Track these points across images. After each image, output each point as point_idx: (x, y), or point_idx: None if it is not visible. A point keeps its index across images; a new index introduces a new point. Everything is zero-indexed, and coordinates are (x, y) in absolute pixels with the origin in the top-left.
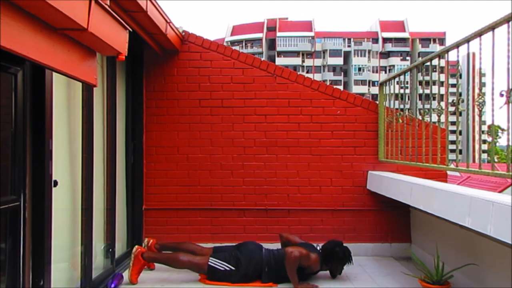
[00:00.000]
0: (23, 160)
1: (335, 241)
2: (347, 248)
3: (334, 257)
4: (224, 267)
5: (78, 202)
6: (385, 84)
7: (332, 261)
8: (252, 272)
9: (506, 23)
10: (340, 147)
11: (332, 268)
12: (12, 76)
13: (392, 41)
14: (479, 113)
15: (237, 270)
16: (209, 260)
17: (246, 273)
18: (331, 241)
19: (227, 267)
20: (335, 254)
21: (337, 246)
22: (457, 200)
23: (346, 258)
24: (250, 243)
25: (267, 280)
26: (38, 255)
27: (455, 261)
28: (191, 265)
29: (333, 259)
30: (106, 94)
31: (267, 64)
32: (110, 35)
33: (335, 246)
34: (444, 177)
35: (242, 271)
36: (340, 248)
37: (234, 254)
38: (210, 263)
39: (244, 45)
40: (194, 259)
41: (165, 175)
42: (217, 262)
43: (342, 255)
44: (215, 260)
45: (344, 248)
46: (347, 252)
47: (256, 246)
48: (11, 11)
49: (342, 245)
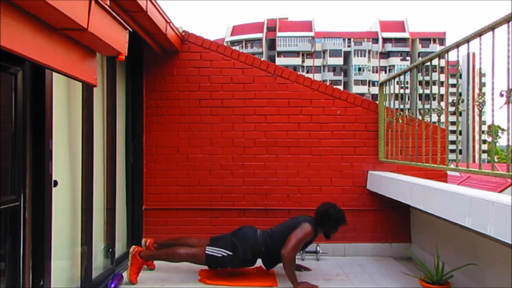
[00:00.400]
0: (23, 160)
1: (328, 203)
2: (341, 209)
3: (328, 218)
4: (222, 253)
5: (78, 202)
6: (385, 84)
7: (327, 223)
8: (250, 255)
9: (506, 23)
10: (340, 147)
11: (327, 230)
12: (12, 76)
13: (392, 41)
14: (479, 113)
15: (235, 255)
16: (206, 249)
17: (245, 257)
18: (324, 203)
19: (225, 253)
20: (329, 216)
21: (331, 207)
22: (457, 200)
23: (340, 219)
24: (245, 227)
25: (267, 260)
26: (38, 255)
27: (455, 261)
28: (189, 257)
29: (327, 221)
30: (106, 94)
31: (267, 64)
32: (110, 35)
33: (329, 208)
34: (444, 177)
35: (240, 255)
36: (333, 209)
37: (230, 240)
38: (207, 252)
39: (244, 45)
40: (191, 250)
41: (165, 175)
42: (214, 249)
43: (336, 216)
44: (212, 248)
45: (338, 209)
46: (341, 213)
47: (250, 229)
48: (11, 11)
49: (336, 206)
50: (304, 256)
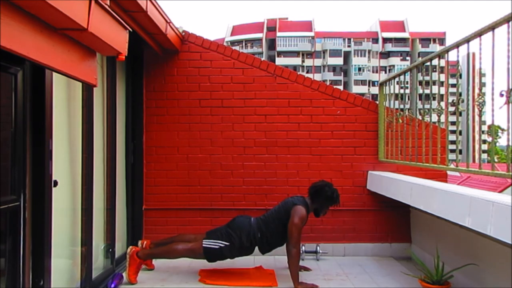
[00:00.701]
0: (23, 160)
1: (325, 181)
2: (337, 190)
3: (322, 195)
4: (219, 244)
5: (78, 202)
6: (385, 84)
7: (319, 200)
8: (247, 242)
9: (506, 23)
10: (340, 147)
11: (318, 207)
12: (12, 76)
13: (392, 41)
14: (479, 113)
15: (232, 245)
16: (203, 242)
17: (241, 245)
18: (321, 181)
19: (222, 244)
20: (323, 192)
21: (327, 186)
22: (457, 200)
23: (333, 198)
24: (238, 216)
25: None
26: (38, 255)
27: (455, 261)
28: (186, 252)
29: (321, 197)
30: (106, 94)
31: (267, 64)
32: (110, 35)
33: (325, 185)
34: (444, 177)
35: (236, 244)
36: (329, 188)
37: (225, 231)
38: (205, 245)
39: (244, 45)
40: (188, 245)
41: (165, 175)
42: (211, 242)
43: (331, 194)
44: (209, 240)
45: (333, 188)
46: (336, 192)
47: (244, 217)
48: (11, 11)
49: (332, 186)
50: (304, 256)
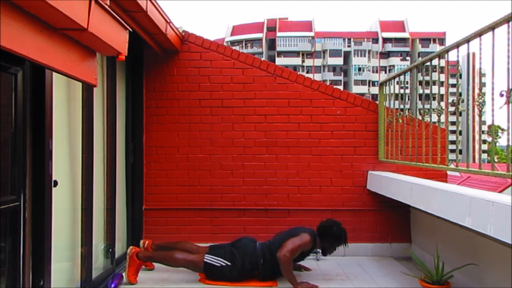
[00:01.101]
0: (23, 160)
1: (333, 220)
2: (345, 229)
3: (330, 235)
4: (220, 263)
5: (78, 202)
6: (385, 84)
7: (327, 239)
8: (248, 266)
9: (506, 23)
10: (340, 147)
11: (326, 247)
12: (12, 76)
13: (392, 41)
14: (479, 113)
15: (233, 265)
16: (204, 257)
17: (243, 267)
18: (329, 220)
19: (223, 263)
20: (331, 233)
21: (335, 225)
22: (457, 200)
23: (341, 238)
24: (244, 238)
25: (265, 273)
26: (38, 255)
27: (455, 261)
28: (186, 262)
29: (329, 237)
30: (106, 94)
31: (267, 64)
32: (110, 35)
33: (333, 225)
34: (444, 177)
35: (238, 266)
36: (337, 227)
37: (229, 250)
38: (206, 260)
39: (244, 45)
40: (189, 256)
41: (165, 175)
42: (213, 258)
43: (338, 235)
44: (211, 256)
45: (341, 228)
46: (344, 232)
47: (249, 240)
48: (11, 11)
49: (341, 225)
50: None
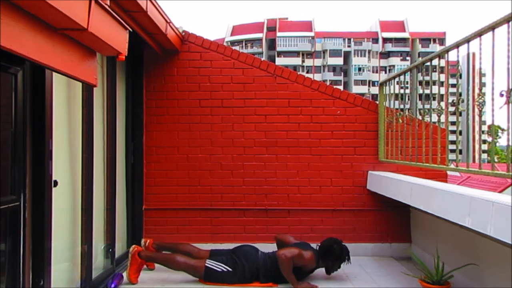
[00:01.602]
0: (23, 160)
1: (334, 238)
2: (346, 246)
3: (331, 254)
4: (222, 268)
5: (78, 202)
6: (385, 84)
7: (329, 259)
8: (249, 273)
9: (506, 23)
10: (340, 147)
11: (328, 266)
12: (12, 76)
13: (392, 41)
14: (479, 113)
15: (234, 272)
16: (206, 262)
17: (243, 275)
18: (330, 239)
19: (224, 268)
20: (332, 252)
21: (335, 243)
22: (457, 200)
23: (343, 256)
24: (246, 245)
25: (265, 281)
26: (38, 255)
27: (455, 261)
28: (187, 267)
29: (330, 257)
30: (106, 94)
31: (267, 64)
32: (110, 35)
33: (333, 244)
34: (444, 177)
35: (239, 273)
36: (338, 245)
37: (230, 257)
38: (207, 265)
39: (244, 45)
40: (190, 261)
41: (165, 175)
42: (214, 263)
43: (340, 253)
44: (213, 262)
45: (342, 246)
46: (345, 250)
47: (252, 248)
48: (11, 11)
49: (341, 243)
50: None
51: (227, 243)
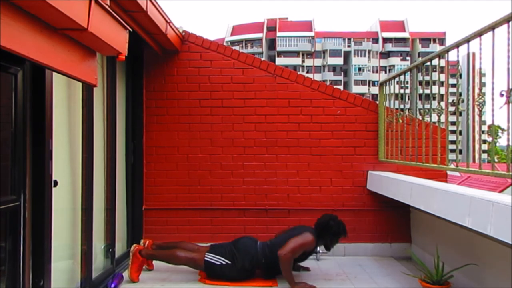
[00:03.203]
0: (23, 160)
1: (329, 214)
2: (341, 221)
3: (328, 231)
4: (220, 261)
5: (78, 202)
6: (385, 84)
7: (326, 235)
8: (249, 265)
9: (506, 23)
10: (340, 147)
11: (327, 242)
12: (12, 76)
13: (392, 41)
14: (479, 113)
15: (233, 264)
16: (205, 256)
17: (243, 267)
18: (325, 215)
19: (223, 261)
20: (329, 228)
21: (331, 219)
22: (457, 200)
23: (340, 231)
24: (245, 237)
25: (267, 271)
26: (38, 255)
27: (455, 261)
28: (188, 260)
29: (327, 233)
30: (106, 94)
31: (267, 64)
32: (110, 35)
33: (329, 220)
34: (444, 177)
35: (238, 265)
36: (334, 221)
37: (229, 249)
38: (206, 258)
39: (244, 45)
40: (190, 255)
41: (165, 175)
42: (213, 256)
43: (337, 228)
44: (211, 255)
45: (338, 221)
46: (342, 225)
47: (250, 239)
48: (11, 11)
49: (337, 218)
50: None
51: None
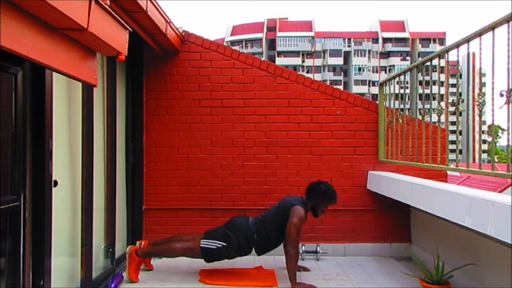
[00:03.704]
0: (23, 160)
1: (321, 180)
2: (332, 187)
3: (317, 193)
4: (216, 245)
5: (78, 202)
6: (385, 84)
7: (315, 198)
8: (244, 243)
9: (506, 23)
10: (340, 147)
11: (314, 206)
12: (12, 76)
13: (392, 41)
14: (479, 113)
15: (229, 245)
16: (200, 242)
17: (239, 246)
18: (317, 180)
19: (219, 244)
20: (318, 189)
21: (322, 183)
22: (457, 200)
23: (328, 194)
24: (236, 216)
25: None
26: (38, 255)
27: (455, 261)
28: (184, 251)
29: (316, 195)
30: (106, 94)
31: (267, 64)
32: (110, 35)
33: (320, 183)
34: (444, 177)
35: (234, 245)
36: (324, 185)
37: (223, 231)
38: (202, 245)
39: (244, 45)
40: (185, 244)
41: (165, 175)
42: (208, 242)
43: (325, 191)
44: (206, 240)
45: (328, 185)
46: (331, 189)
47: (242, 218)
48: (11, 11)
49: (327, 183)
50: (304, 256)
51: None
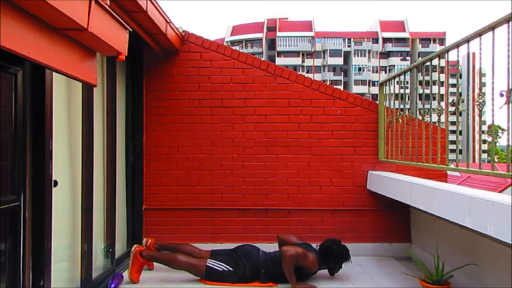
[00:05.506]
0: (23, 160)
1: (333, 239)
2: (345, 246)
3: (332, 255)
4: (222, 268)
5: (78, 202)
6: (385, 84)
7: (330, 260)
8: (249, 273)
9: (506, 23)
10: (340, 147)
11: (330, 267)
12: (12, 76)
13: (392, 41)
14: (479, 113)
15: (235, 271)
16: (207, 261)
17: (244, 274)
18: (329, 240)
19: (225, 268)
20: (333, 253)
21: (335, 244)
22: (457, 200)
23: (344, 256)
24: (247, 245)
25: (266, 281)
26: (38, 255)
27: (455, 261)
28: (189, 266)
29: (331, 258)
30: (106, 94)
31: (267, 64)
32: (110, 35)
33: (333, 245)
34: (444, 177)
35: (240, 272)
36: (338, 246)
37: (232, 256)
38: (209, 264)
39: (244, 45)
40: (192, 260)
41: (165, 175)
42: (215, 263)
43: (340, 254)
44: (213, 261)
45: (342, 246)
46: (345, 250)
47: (253, 248)
48: (11, 11)
49: (340, 243)
50: None
51: (227, 243)
